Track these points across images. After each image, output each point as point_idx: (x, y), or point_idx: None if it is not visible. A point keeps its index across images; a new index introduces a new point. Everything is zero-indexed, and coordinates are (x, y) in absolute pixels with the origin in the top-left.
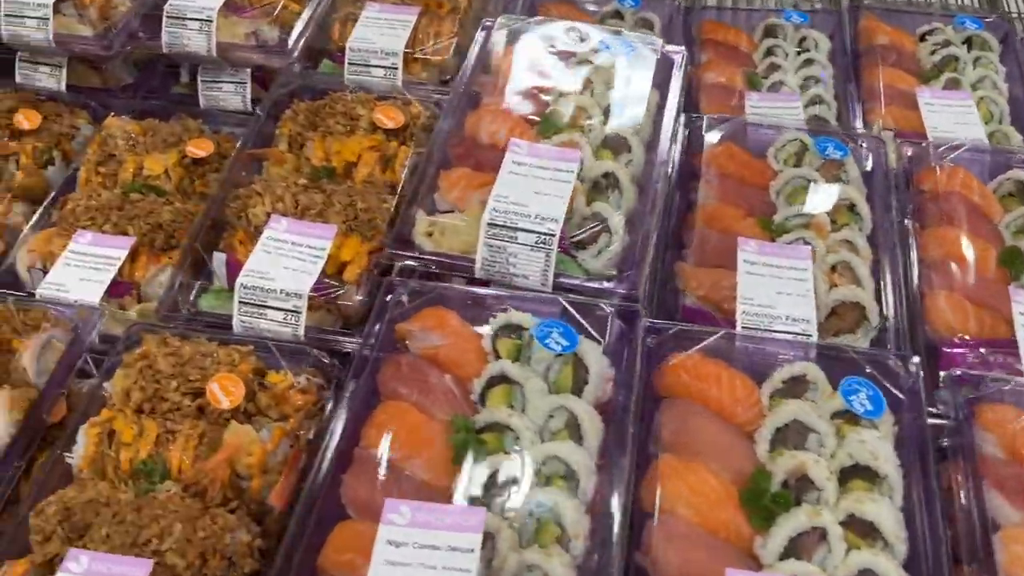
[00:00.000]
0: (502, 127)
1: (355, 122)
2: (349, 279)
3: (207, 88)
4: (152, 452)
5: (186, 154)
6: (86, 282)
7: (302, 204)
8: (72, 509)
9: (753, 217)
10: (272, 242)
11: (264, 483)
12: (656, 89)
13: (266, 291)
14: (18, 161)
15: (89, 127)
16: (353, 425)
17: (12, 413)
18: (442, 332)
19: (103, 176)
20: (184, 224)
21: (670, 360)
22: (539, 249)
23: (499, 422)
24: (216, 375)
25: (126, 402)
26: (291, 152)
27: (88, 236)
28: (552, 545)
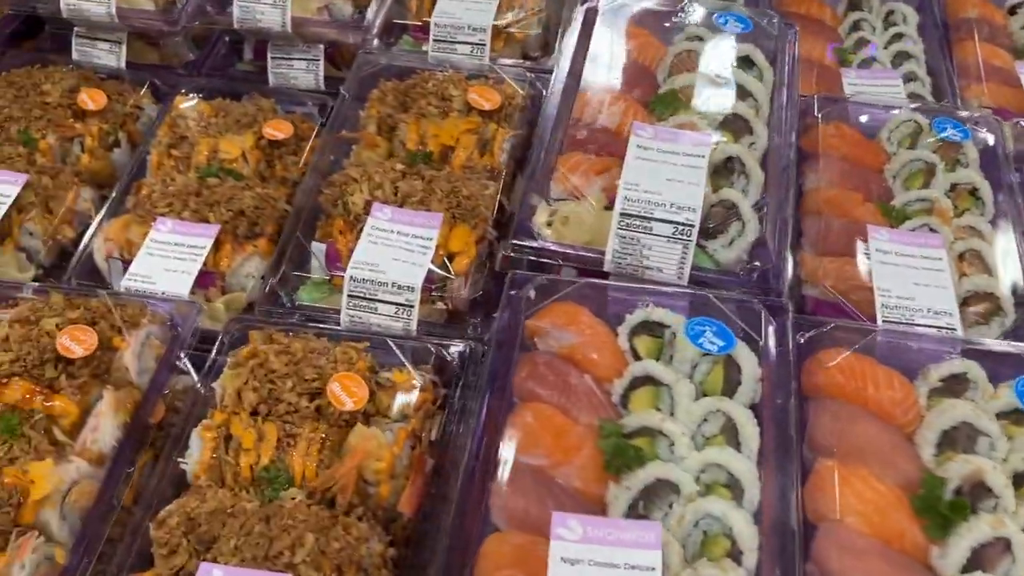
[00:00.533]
0: (616, 109)
1: (448, 103)
2: (458, 270)
3: (277, 66)
4: (274, 458)
5: (263, 136)
6: (172, 273)
7: (402, 191)
8: (196, 519)
9: (871, 202)
10: (377, 232)
11: (392, 489)
12: (772, 66)
13: (377, 284)
14: (83, 143)
15: (153, 107)
16: (486, 427)
17: (118, 415)
18: (576, 329)
19: (175, 159)
20: (267, 210)
21: (821, 358)
22: (676, 240)
23: (650, 427)
24: (336, 375)
25: (238, 404)
26: (380, 135)
27: (169, 224)
28: (723, 559)
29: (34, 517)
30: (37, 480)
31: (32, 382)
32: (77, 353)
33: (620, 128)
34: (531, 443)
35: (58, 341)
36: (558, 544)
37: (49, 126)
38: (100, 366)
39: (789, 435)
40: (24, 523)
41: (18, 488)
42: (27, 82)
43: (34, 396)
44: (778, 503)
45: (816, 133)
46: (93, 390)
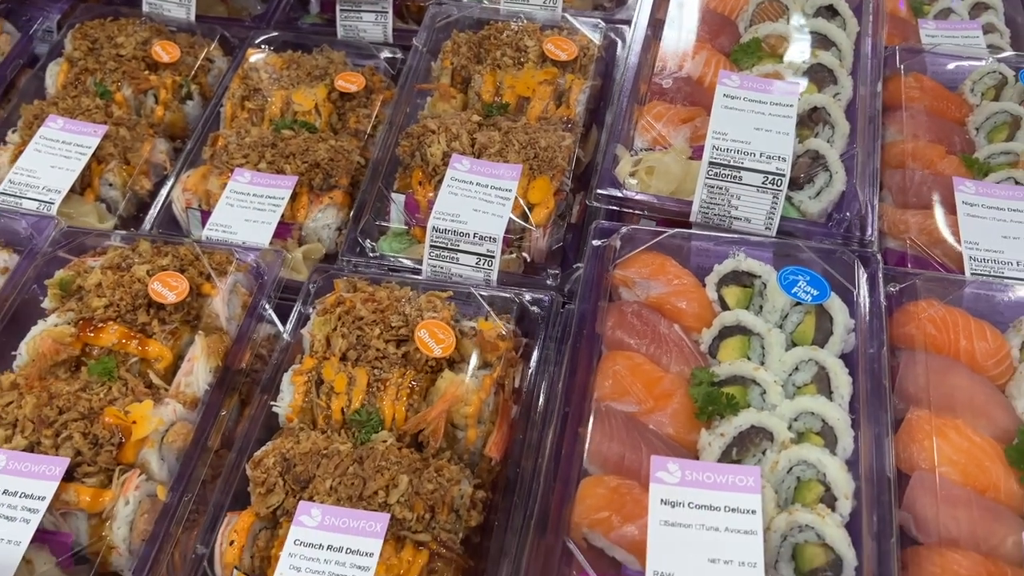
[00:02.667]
0: (699, 58)
1: (523, 54)
2: (538, 221)
3: (346, 18)
4: (365, 401)
5: (335, 88)
6: (252, 223)
7: (479, 143)
8: (291, 460)
9: (954, 154)
10: (457, 183)
11: (479, 433)
12: (856, 15)
13: (459, 234)
14: (156, 95)
15: (223, 59)
16: (575, 375)
17: (210, 360)
18: (664, 279)
19: (249, 111)
20: (341, 162)
21: (912, 310)
22: (766, 190)
23: (742, 375)
24: (423, 322)
25: (328, 350)
26: (455, 87)
27: (247, 175)
28: (818, 505)
29: (135, 456)
30: (139, 420)
31: (126, 327)
32: (169, 299)
33: (702, 78)
34: (622, 390)
35: (150, 287)
36: (658, 487)
37: (124, 78)
38: (190, 312)
39: (882, 385)
40: (126, 462)
41: (119, 428)
42: (101, 34)
43: (129, 340)
44: (873, 451)
45: (898, 84)
46: (184, 335)
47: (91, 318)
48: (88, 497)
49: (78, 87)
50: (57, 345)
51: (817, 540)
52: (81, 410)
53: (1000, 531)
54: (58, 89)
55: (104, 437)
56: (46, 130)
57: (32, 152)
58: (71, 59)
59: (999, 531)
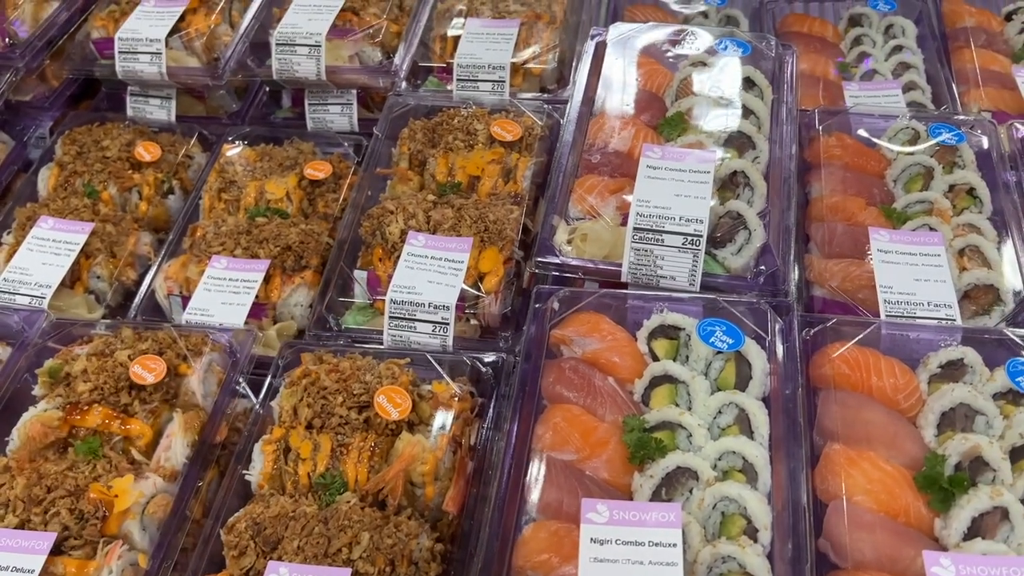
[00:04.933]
0: (627, 133)
1: (473, 136)
2: (489, 289)
3: (314, 111)
4: (329, 465)
5: (304, 176)
6: (228, 305)
7: (434, 219)
8: (262, 523)
9: (874, 206)
10: (413, 257)
11: (437, 490)
12: (772, 85)
13: (415, 304)
14: (140, 192)
15: (202, 155)
16: (520, 429)
17: (188, 435)
18: (599, 336)
19: (226, 202)
20: (311, 244)
21: (827, 352)
22: (686, 250)
23: (670, 420)
24: (381, 388)
25: (295, 419)
26: (412, 170)
27: (223, 261)
28: (740, 537)
29: (118, 528)
30: (120, 494)
31: (109, 408)
32: (148, 380)
33: (631, 150)
34: (561, 440)
35: (131, 370)
36: (588, 527)
37: (110, 178)
38: (169, 391)
39: (797, 422)
40: (109, 533)
41: (103, 502)
42: (88, 139)
43: (112, 421)
44: (789, 484)
45: (818, 144)
46: (164, 413)
47: (77, 402)
48: (74, 569)
49: (68, 188)
50: (45, 429)
51: (739, 570)
52: (68, 487)
53: (909, 552)
54: (49, 191)
55: (89, 511)
56: (38, 230)
57: (24, 251)
58: (61, 163)
59: (908, 552)
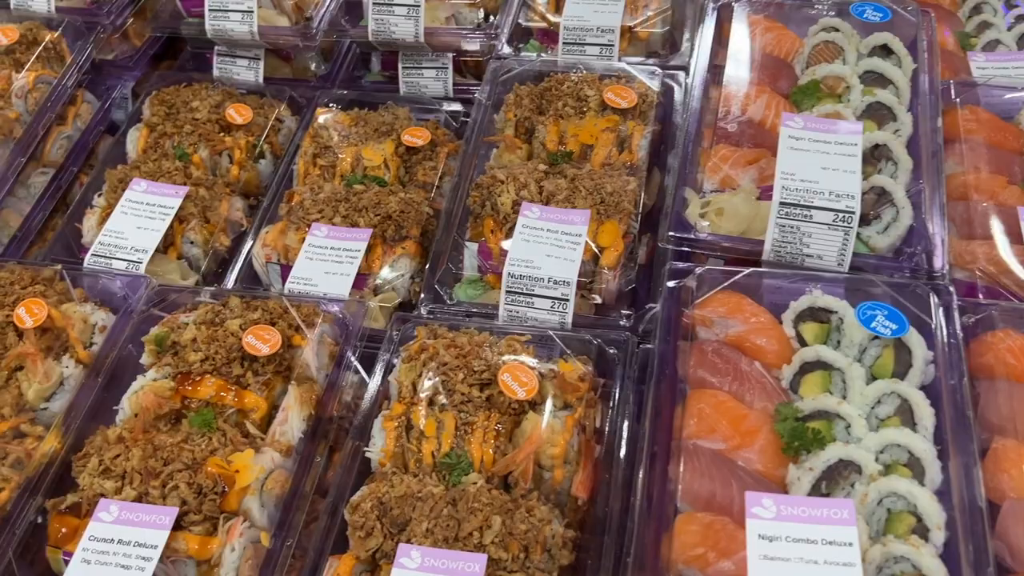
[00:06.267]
0: (760, 102)
1: (584, 103)
2: (608, 264)
3: (408, 75)
4: (454, 445)
5: (402, 143)
6: (331, 275)
7: (547, 190)
8: (387, 504)
9: (1015, 184)
10: (528, 230)
11: (564, 473)
12: (911, 53)
13: (534, 279)
14: (231, 156)
15: (292, 119)
16: (660, 414)
17: (303, 409)
18: (742, 317)
19: (321, 168)
20: (411, 213)
21: (987, 339)
22: (837, 228)
23: (826, 409)
24: (506, 365)
25: (414, 395)
26: (518, 137)
27: (324, 229)
28: (910, 536)
29: (238, 504)
30: (242, 469)
31: (222, 379)
32: (263, 351)
33: (764, 120)
34: (708, 428)
35: (244, 340)
36: (755, 522)
37: (200, 140)
38: (282, 363)
39: (965, 415)
40: (228, 509)
41: (222, 477)
42: (177, 100)
43: (226, 392)
44: (963, 481)
45: (955, 118)
46: (277, 385)
47: (188, 372)
48: (196, 545)
49: (158, 151)
50: (159, 399)
51: (913, 571)
52: (185, 460)
53: None
54: (139, 153)
55: (208, 486)
56: (131, 193)
57: (119, 215)
58: (150, 124)
59: None
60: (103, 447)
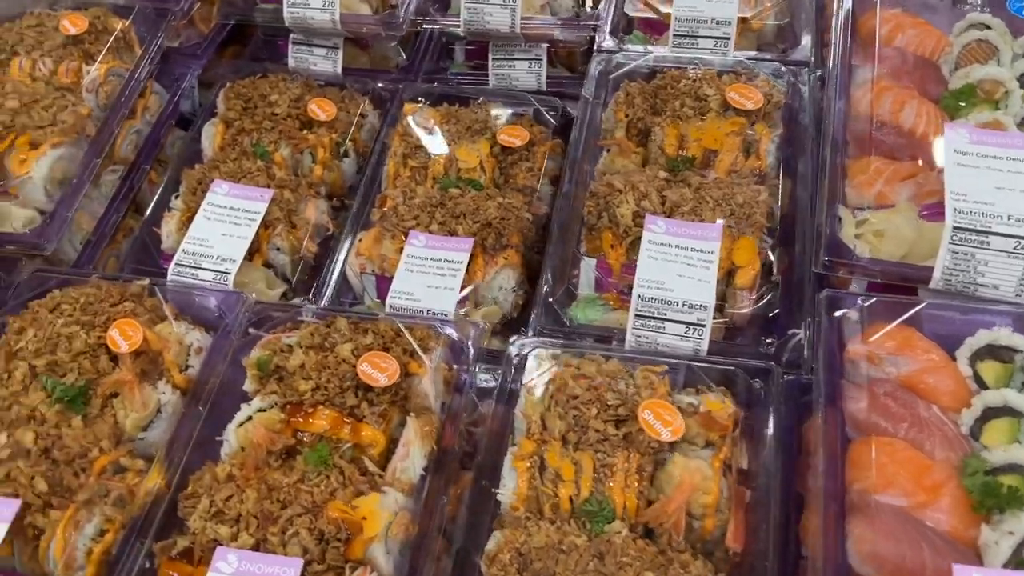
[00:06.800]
0: (909, 108)
1: (703, 103)
2: (743, 285)
3: (498, 67)
4: (594, 490)
5: (497, 143)
6: (434, 289)
7: (670, 200)
8: (527, 556)
9: None
10: (656, 246)
11: (716, 522)
12: None
13: (666, 303)
14: (313, 154)
15: (374, 113)
16: (826, 463)
17: (425, 444)
18: (912, 354)
19: (412, 170)
20: (511, 220)
21: None
22: (1018, 255)
23: (1018, 463)
24: (646, 401)
25: (543, 431)
26: (629, 139)
27: (422, 238)
28: None
29: (363, 552)
30: (369, 516)
31: (335, 410)
32: (380, 382)
33: (914, 128)
34: (887, 481)
35: (359, 368)
36: None
37: (281, 137)
38: (398, 392)
39: None
40: (354, 558)
41: (345, 523)
42: (253, 93)
43: (341, 426)
44: None
45: None
46: (394, 417)
47: (300, 402)
48: None
49: (236, 148)
50: (271, 434)
51: None
52: (304, 504)
53: None
54: (215, 151)
55: (331, 533)
56: (213, 196)
57: (202, 220)
58: (226, 120)
59: None
60: (213, 486)
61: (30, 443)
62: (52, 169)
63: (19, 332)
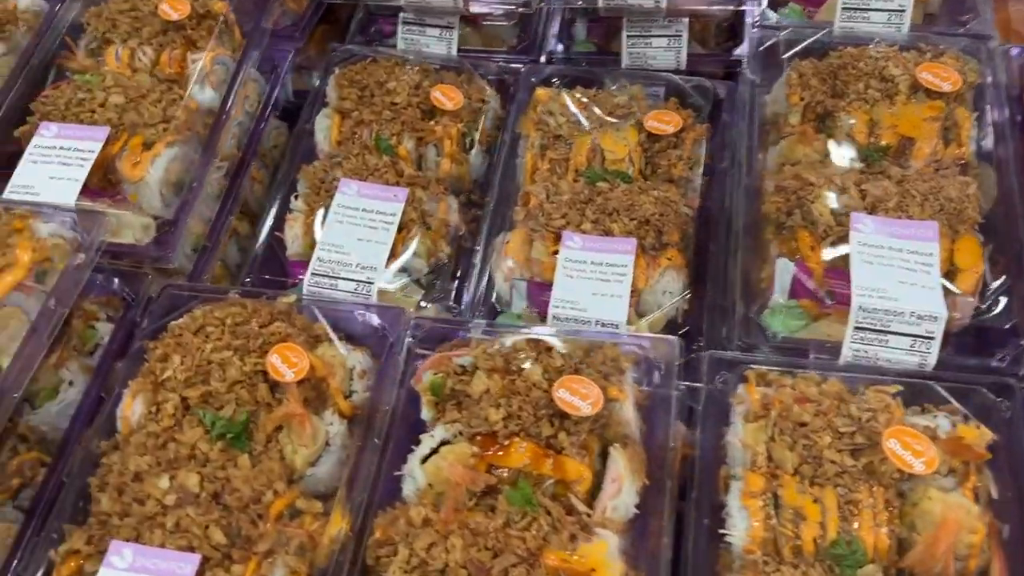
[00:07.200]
0: None
1: (891, 85)
2: (966, 289)
3: (633, 44)
4: (840, 529)
5: (645, 130)
6: (600, 297)
7: (871, 195)
8: None
9: None
10: (868, 248)
11: (979, 563)
12: None
13: (891, 314)
14: (437, 147)
15: (496, 99)
16: None
17: (636, 478)
18: None
19: (551, 162)
20: (670, 216)
21: None
22: None
23: None
24: (891, 429)
25: (770, 463)
26: (804, 124)
27: (578, 239)
28: None
29: None
30: (598, 568)
31: (532, 442)
32: (583, 411)
33: None
34: None
35: (555, 394)
36: None
37: (404, 129)
38: (598, 420)
39: None
40: None
41: (567, 573)
42: (369, 80)
43: (543, 459)
44: None
45: None
46: (596, 448)
47: (492, 433)
48: None
49: (355, 142)
50: (471, 472)
51: None
52: (519, 552)
53: None
54: (333, 145)
55: None
56: (342, 197)
57: (334, 224)
58: (342, 110)
59: None
60: (409, 532)
61: (195, 487)
62: (167, 171)
63: (163, 359)
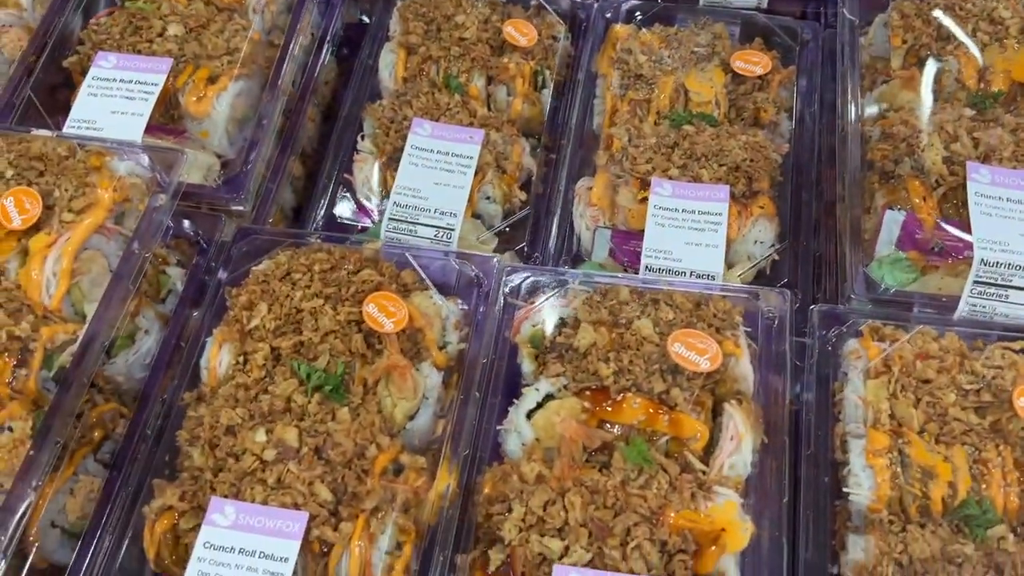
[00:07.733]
0: None
1: (1000, 27)
2: None
3: None
4: (971, 489)
5: (733, 71)
6: (694, 247)
7: (984, 144)
8: (907, 568)
9: None
10: (987, 200)
11: None
12: None
13: (1014, 267)
14: (508, 86)
15: (565, 35)
16: None
17: (755, 435)
18: None
19: (631, 103)
20: (760, 162)
21: None
22: None
23: None
24: (1019, 387)
25: (892, 421)
26: (907, 68)
27: (667, 186)
28: None
29: (712, 566)
30: (729, 528)
31: (645, 398)
32: (701, 366)
33: None
34: None
35: (670, 349)
36: None
37: (474, 66)
38: (711, 376)
39: None
40: (703, 572)
41: (693, 534)
42: (436, 13)
43: (658, 416)
44: None
45: None
46: (708, 404)
47: (603, 388)
48: None
49: (424, 79)
50: (586, 428)
51: None
52: (641, 511)
53: None
54: (399, 83)
55: (675, 545)
56: (416, 138)
57: (409, 166)
58: (407, 46)
59: None
60: (523, 490)
61: (294, 441)
62: (232, 107)
63: (248, 307)
